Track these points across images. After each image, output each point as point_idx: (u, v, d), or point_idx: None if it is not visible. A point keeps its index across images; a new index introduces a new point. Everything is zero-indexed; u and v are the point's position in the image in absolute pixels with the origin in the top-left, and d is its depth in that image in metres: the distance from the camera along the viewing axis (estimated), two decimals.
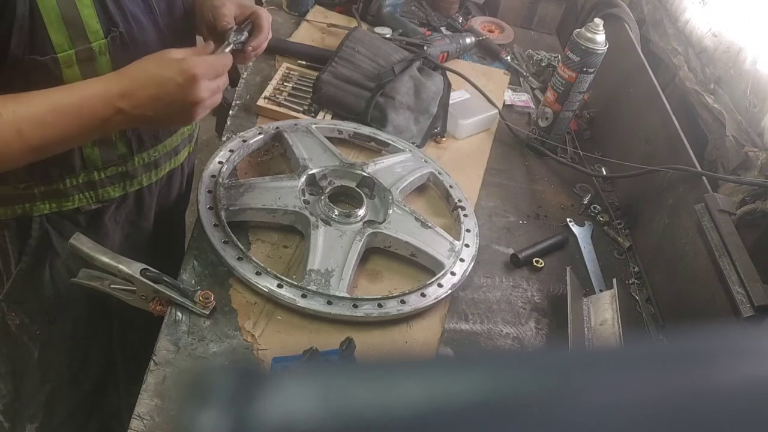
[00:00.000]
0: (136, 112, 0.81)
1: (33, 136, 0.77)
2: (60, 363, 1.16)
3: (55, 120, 0.77)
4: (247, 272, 0.94)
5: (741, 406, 0.26)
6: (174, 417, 0.77)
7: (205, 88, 0.83)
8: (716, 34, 1.37)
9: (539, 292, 1.11)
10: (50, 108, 0.77)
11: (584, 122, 1.58)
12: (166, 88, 0.81)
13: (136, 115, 0.81)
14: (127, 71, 0.82)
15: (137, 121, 0.84)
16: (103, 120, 0.80)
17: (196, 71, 0.81)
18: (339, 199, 1.12)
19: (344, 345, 0.82)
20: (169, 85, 0.81)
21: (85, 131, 0.82)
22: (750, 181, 1.09)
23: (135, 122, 0.86)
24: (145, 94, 0.80)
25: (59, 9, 0.77)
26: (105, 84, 0.80)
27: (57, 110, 0.77)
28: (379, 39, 1.51)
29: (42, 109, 0.77)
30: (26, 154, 0.79)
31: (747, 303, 0.90)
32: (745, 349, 0.30)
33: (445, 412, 0.23)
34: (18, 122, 0.75)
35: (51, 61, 0.79)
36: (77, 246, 0.88)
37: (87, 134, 0.84)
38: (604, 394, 0.25)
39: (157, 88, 0.81)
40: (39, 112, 0.77)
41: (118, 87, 0.80)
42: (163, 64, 0.82)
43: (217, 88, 0.86)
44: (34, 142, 0.77)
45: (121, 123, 0.83)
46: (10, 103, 0.75)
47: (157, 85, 0.81)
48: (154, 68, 0.81)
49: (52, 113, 0.77)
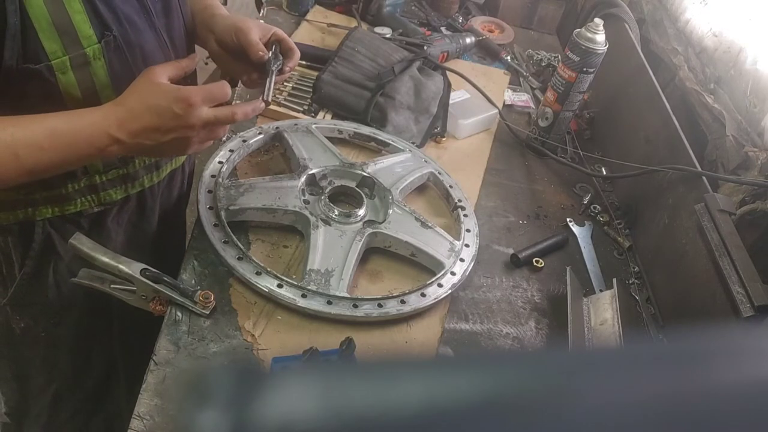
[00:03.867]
0: (134, 142, 0.82)
1: (29, 160, 0.78)
2: (64, 363, 1.16)
3: (51, 146, 0.78)
4: (247, 272, 0.94)
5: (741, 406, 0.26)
6: (174, 417, 0.77)
7: (201, 116, 0.84)
8: (716, 34, 1.37)
9: (539, 292, 1.11)
10: (48, 133, 0.78)
11: (584, 122, 1.58)
12: (163, 118, 0.82)
13: (133, 144, 0.83)
14: (125, 100, 0.82)
15: (135, 150, 0.86)
16: (100, 149, 0.81)
17: (193, 100, 0.82)
18: (339, 199, 1.12)
19: (344, 345, 0.82)
20: (166, 114, 0.82)
21: (82, 158, 0.84)
22: (750, 181, 1.09)
23: (132, 151, 0.88)
24: (142, 125, 0.81)
25: (50, 16, 0.76)
26: (103, 114, 0.81)
27: (54, 136, 0.78)
28: (379, 39, 1.51)
29: (39, 134, 0.78)
30: (22, 176, 0.80)
31: (747, 303, 0.90)
32: (745, 349, 0.30)
33: (445, 412, 0.23)
34: (15, 146, 0.76)
35: (45, 68, 0.79)
36: (77, 246, 0.88)
37: (83, 160, 0.87)
38: (604, 394, 0.25)
39: (154, 118, 0.82)
40: (36, 137, 0.78)
41: (116, 117, 0.81)
42: (160, 93, 0.83)
43: (215, 118, 0.86)
44: (29, 165, 0.79)
45: (119, 152, 0.85)
46: (9, 126, 0.76)
47: (154, 114, 0.81)
48: (151, 98, 0.82)
49: (49, 138, 0.78)
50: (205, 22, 1.06)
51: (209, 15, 1.06)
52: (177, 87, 0.84)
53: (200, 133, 0.87)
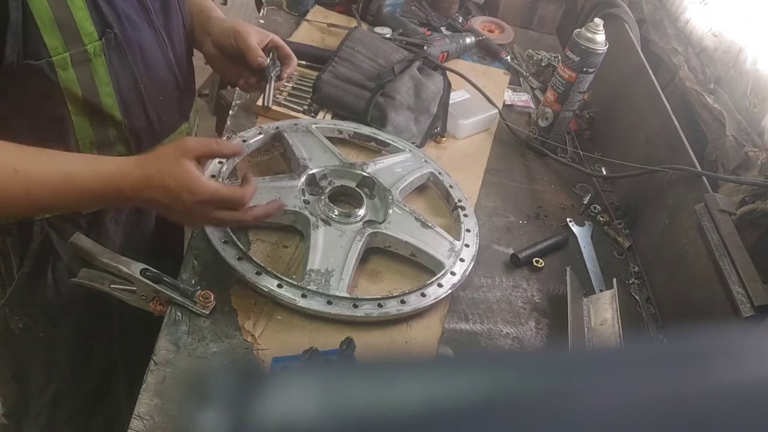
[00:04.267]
0: (142, 203, 0.88)
1: (40, 198, 0.79)
2: (63, 364, 1.16)
3: (65, 190, 0.79)
4: (247, 272, 0.94)
5: (741, 406, 0.26)
6: (174, 417, 0.77)
7: (206, 215, 0.85)
8: (716, 34, 1.37)
9: (539, 292, 1.11)
10: (64, 177, 0.78)
11: (584, 122, 1.58)
12: (174, 202, 0.82)
13: (141, 204, 0.89)
14: (147, 166, 0.81)
15: (142, 206, 0.92)
16: (109, 201, 0.85)
17: (205, 199, 0.82)
18: (339, 199, 1.12)
19: (344, 345, 0.82)
20: (177, 201, 0.81)
21: (87, 205, 0.91)
22: (750, 181, 1.09)
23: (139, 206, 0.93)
24: (154, 197, 0.82)
25: (52, 12, 0.77)
26: (123, 173, 0.81)
27: (71, 182, 0.79)
28: (379, 39, 1.51)
29: (57, 177, 0.78)
30: (30, 211, 0.84)
31: (747, 303, 0.90)
32: (745, 349, 0.30)
33: (445, 412, 0.23)
34: (29, 182, 0.77)
35: (46, 64, 0.79)
36: (77, 246, 0.88)
37: (90, 206, 0.92)
38: (604, 394, 0.25)
39: (166, 197, 0.82)
40: (53, 179, 0.78)
41: (132, 180, 0.80)
42: (177, 176, 0.81)
43: (221, 219, 0.88)
44: (40, 204, 0.81)
45: (127, 205, 0.90)
46: (26, 162, 0.77)
47: (166, 195, 0.81)
48: (168, 176, 0.80)
49: (64, 182, 0.79)
50: (202, 24, 1.07)
51: (206, 18, 1.07)
52: (194, 177, 0.81)
53: (211, 222, 0.92)
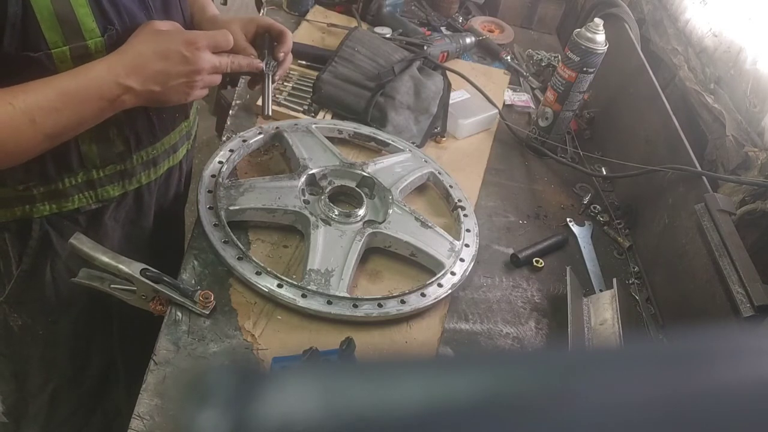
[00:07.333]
0: (144, 88, 0.84)
1: (46, 123, 0.79)
2: (62, 362, 1.16)
3: (65, 105, 0.79)
4: (247, 272, 0.94)
5: (741, 406, 0.26)
6: (174, 417, 0.77)
7: (207, 60, 0.87)
8: (716, 34, 1.37)
9: (539, 292, 1.11)
10: (58, 94, 0.79)
11: (584, 122, 1.58)
12: (171, 61, 0.84)
13: (144, 91, 0.84)
14: (131, 48, 0.84)
15: (145, 97, 0.86)
16: (111, 100, 0.83)
17: (201, 43, 0.86)
18: (339, 198, 1.12)
19: (344, 345, 0.81)
20: (174, 58, 0.84)
21: (96, 113, 0.84)
22: (750, 181, 1.09)
23: (143, 99, 0.87)
24: (152, 69, 0.83)
25: (53, 7, 0.77)
26: (108, 65, 0.82)
27: (65, 95, 0.79)
28: (379, 39, 1.51)
29: (51, 96, 0.78)
30: (41, 142, 0.81)
31: (747, 303, 0.90)
32: (745, 349, 0.30)
33: (445, 412, 0.23)
34: (30, 111, 0.77)
35: (44, 57, 0.79)
36: (77, 246, 0.88)
37: (98, 116, 0.85)
38: (604, 395, 0.25)
39: (163, 62, 0.84)
40: (48, 99, 0.78)
41: (123, 65, 0.82)
42: (168, 38, 0.85)
43: (219, 63, 0.90)
44: (47, 129, 0.79)
45: (131, 101, 0.85)
46: (20, 93, 0.77)
47: (163, 58, 0.84)
48: (159, 42, 0.84)
49: (61, 99, 0.79)
50: (200, 26, 1.08)
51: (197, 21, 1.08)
52: (183, 30, 0.87)
53: (204, 78, 0.89)
